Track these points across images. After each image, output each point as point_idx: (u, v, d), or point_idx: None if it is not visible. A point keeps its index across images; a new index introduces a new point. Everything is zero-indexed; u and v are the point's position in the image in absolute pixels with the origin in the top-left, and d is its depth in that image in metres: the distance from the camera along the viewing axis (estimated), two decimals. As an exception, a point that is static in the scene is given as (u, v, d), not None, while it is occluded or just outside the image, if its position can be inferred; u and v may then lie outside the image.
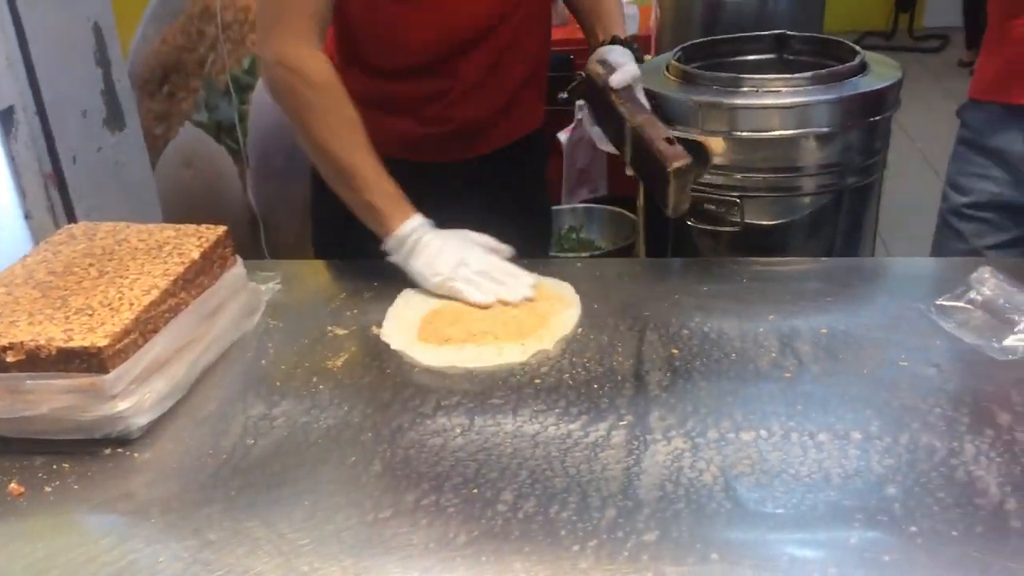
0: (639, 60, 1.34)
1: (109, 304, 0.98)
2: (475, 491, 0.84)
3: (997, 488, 0.80)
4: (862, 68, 1.54)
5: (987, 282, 1.08)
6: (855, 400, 0.94)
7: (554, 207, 2.78)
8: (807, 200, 1.53)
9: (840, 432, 0.89)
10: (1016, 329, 1.02)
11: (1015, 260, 1.39)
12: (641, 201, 1.74)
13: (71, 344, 0.91)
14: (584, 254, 2.66)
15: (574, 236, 2.77)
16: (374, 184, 1.20)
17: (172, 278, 1.03)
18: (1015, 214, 1.47)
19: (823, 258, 1.51)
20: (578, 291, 1.19)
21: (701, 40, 1.70)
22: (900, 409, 0.92)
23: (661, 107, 1.52)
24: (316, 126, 1.21)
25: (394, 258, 1.21)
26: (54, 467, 0.91)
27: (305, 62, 1.20)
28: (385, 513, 0.82)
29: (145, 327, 0.97)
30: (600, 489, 0.83)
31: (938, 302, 1.10)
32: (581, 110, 2.63)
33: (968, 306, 1.08)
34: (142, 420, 0.94)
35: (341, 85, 1.22)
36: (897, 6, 6.07)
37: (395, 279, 1.24)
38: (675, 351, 1.05)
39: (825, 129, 1.47)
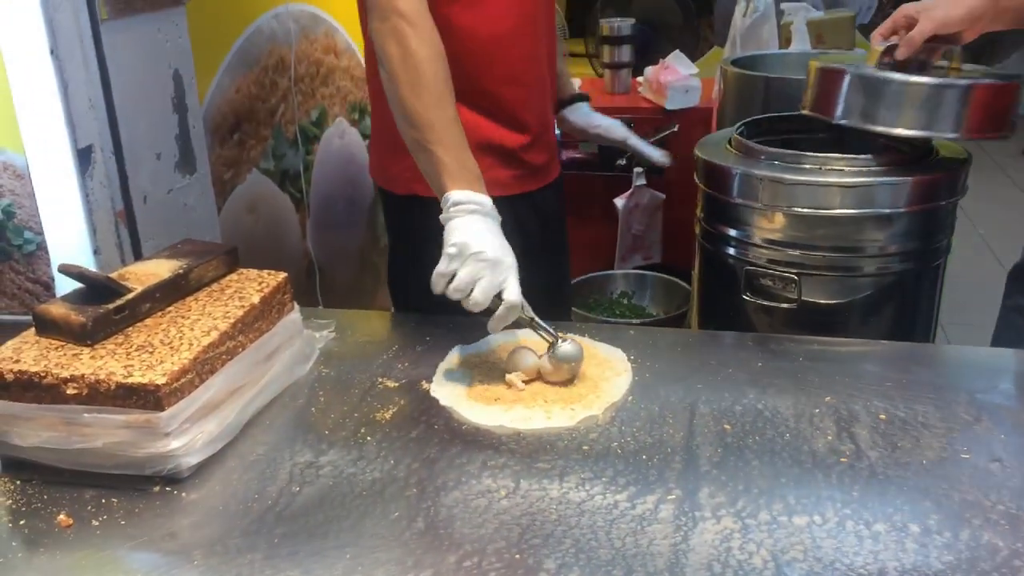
0: None
1: (169, 343, 0.99)
2: (518, 556, 0.83)
3: (1063, 594, 0.77)
4: (928, 152, 1.53)
5: (1055, 377, 1.05)
6: (914, 491, 0.91)
7: (607, 272, 2.79)
8: (866, 281, 1.51)
9: (898, 523, 0.86)
10: (1085, 428, 0.98)
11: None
12: (697, 271, 1.73)
13: (130, 380, 0.92)
14: (636, 320, 2.64)
15: (625, 302, 2.76)
16: (451, 144, 1.19)
17: (232, 321, 1.04)
18: None
19: (882, 341, 1.48)
20: (630, 358, 1.19)
21: (763, 116, 1.70)
22: (961, 503, 0.89)
23: (721, 180, 1.52)
24: (411, 76, 1.20)
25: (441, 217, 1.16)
26: (103, 501, 0.92)
27: (422, 15, 1.22)
28: (426, 572, 0.81)
29: (202, 368, 0.98)
30: (646, 564, 0.81)
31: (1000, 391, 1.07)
32: (638, 177, 2.64)
33: (1034, 400, 1.05)
34: (193, 460, 0.95)
35: (443, 50, 1.23)
36: (961, 91, 6.02)
37: (447, 334, 1.24)
38: (727, 427, 1.03)
39: (887, 211, 1.45)
